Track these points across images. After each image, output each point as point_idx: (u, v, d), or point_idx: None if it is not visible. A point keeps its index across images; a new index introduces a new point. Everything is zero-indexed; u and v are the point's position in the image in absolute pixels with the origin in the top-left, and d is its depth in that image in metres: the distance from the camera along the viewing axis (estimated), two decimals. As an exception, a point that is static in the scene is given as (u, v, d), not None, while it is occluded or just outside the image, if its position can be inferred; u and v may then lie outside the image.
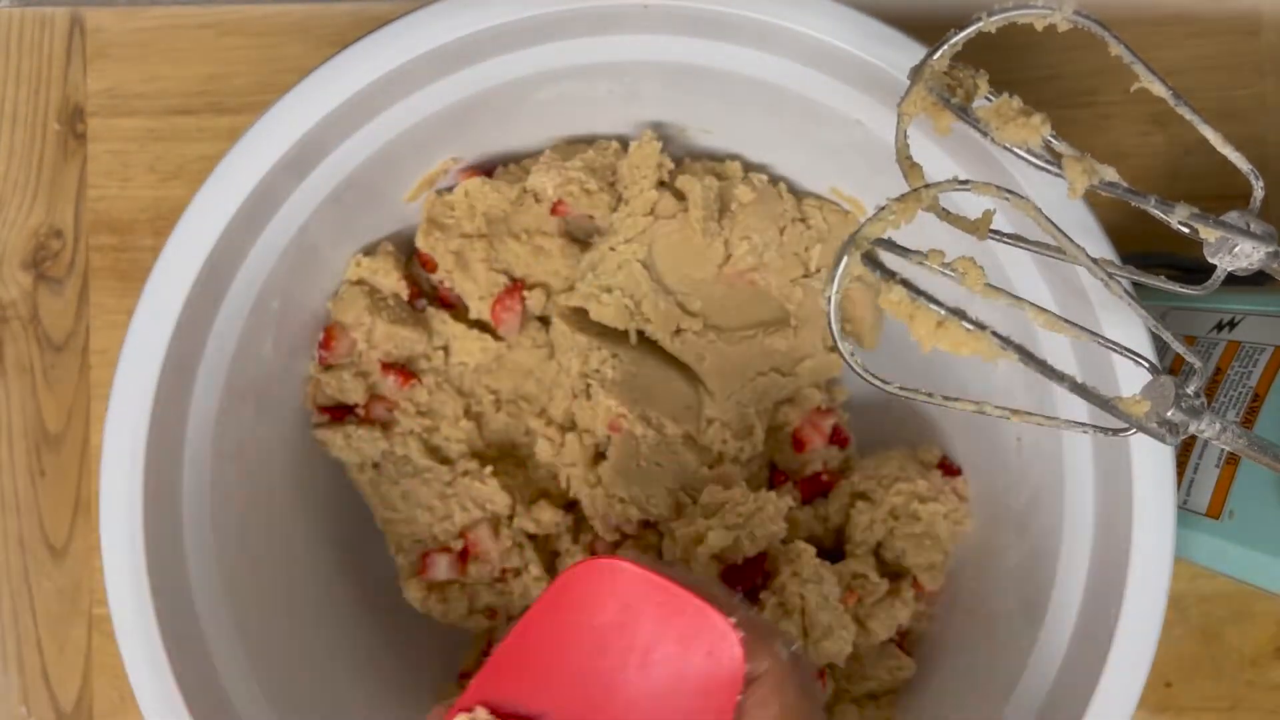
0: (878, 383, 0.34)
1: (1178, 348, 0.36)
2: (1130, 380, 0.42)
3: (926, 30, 0.43)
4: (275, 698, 0.46)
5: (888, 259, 0.34)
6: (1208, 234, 0.38)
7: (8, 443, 0.58)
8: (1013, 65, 0.56)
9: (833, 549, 0.55)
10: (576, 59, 0.46)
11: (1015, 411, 0.35)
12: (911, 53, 0.43)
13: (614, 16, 0.44)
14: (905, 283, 0.33)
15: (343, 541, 0.53)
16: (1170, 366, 0.49)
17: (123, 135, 0.58)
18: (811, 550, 0.51)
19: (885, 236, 0.33)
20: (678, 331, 0.52)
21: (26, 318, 0.58)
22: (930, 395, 0.34)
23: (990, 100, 0.39)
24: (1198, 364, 0.36)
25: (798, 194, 0.53)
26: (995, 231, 0.39)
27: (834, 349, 0.53)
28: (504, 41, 0.44)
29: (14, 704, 0.57)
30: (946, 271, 0.33)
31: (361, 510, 0.54)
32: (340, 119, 0.44)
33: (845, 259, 0.32)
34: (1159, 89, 0.38)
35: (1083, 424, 0.38)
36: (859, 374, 0.33)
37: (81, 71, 0.58)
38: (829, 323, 0.33)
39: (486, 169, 0.52)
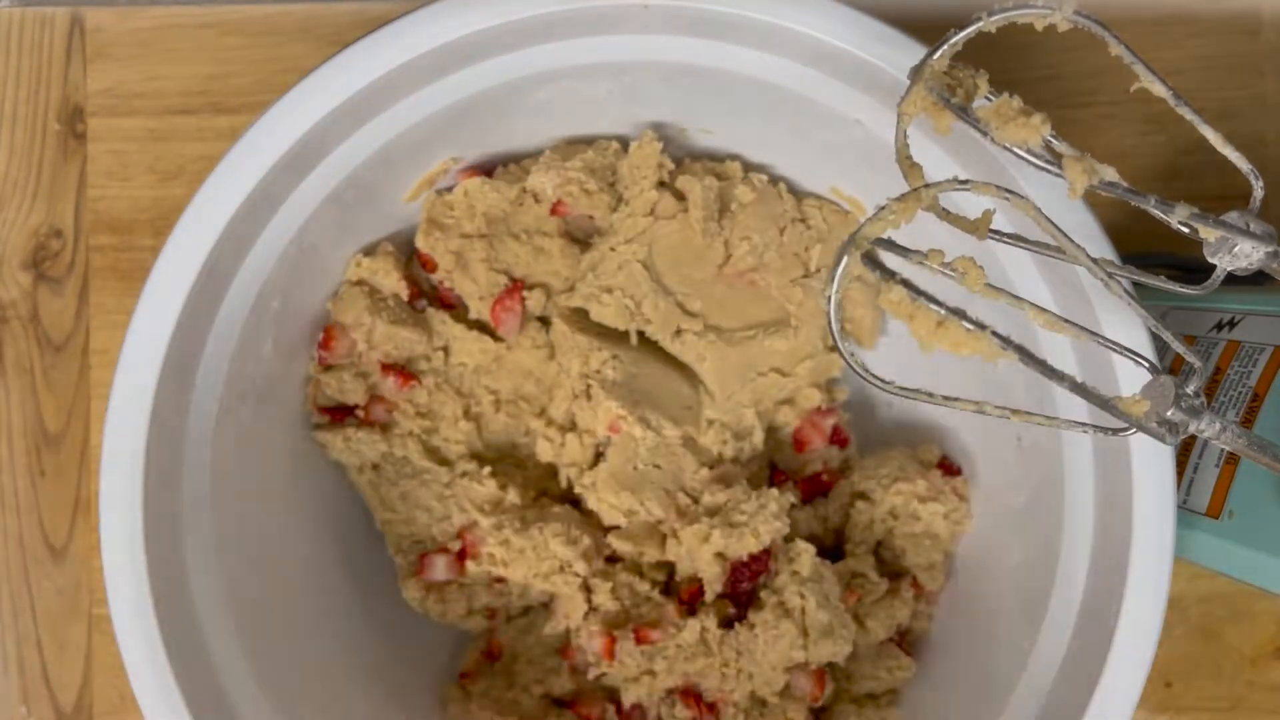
0: (878, 383, 0.34)
1: (1178, 347, 0.36)
2: (1130, 380, 0.42)
3: (926, 30, 0.43)
4: (275, 697, 0.46)
5: (888, 259, 0.34)
6: (1207, 234, 0.38)
7: (7, 442, 0.58)
8: (1013, 65, 0.56)
9: (832, 548, 0.55)
10: (576, 59, 0.46)
11: (1015, 411, 0.35)
12: (911, 52, 0.43)
13: (614, 16, 0.44)
14: (905, 282, 0.33)
15: (343, 541, 0.53)
16: (1170, 366, 0.49)
17: (123, 135, 0.58)
18: (811, 550, 0.51)
19: (885, 236, 0.33)
20: (678, 332, 0.52)
21: (26, 318, 0.58)
22: (930, 395, 0.34)
23: (990, 100, 0.39)
24: (1197, 364, 0.36)
25: (798, 194, 0.53)
26: (995, 231, 0.39)
27: (834, 349, 0.53)
28: (504, 41, 0.44)
29: (14, 704, 0.57)
30: (946, 271, 0.33)
31: (361, 510, 0.54)
32: (341, 118, 0.44)
33: (845, 259, 0.32)
34: (1159, 89, 0.38)
35: (1083, 424, 0.38)
36: (859, 374, 0.33)
37: (81, 71, 0.58)
38: (829, 323, 0.33)
39: (487, 169, 0.52)
